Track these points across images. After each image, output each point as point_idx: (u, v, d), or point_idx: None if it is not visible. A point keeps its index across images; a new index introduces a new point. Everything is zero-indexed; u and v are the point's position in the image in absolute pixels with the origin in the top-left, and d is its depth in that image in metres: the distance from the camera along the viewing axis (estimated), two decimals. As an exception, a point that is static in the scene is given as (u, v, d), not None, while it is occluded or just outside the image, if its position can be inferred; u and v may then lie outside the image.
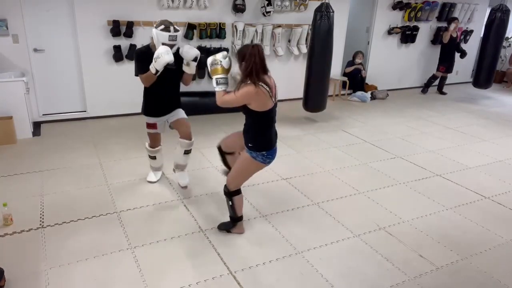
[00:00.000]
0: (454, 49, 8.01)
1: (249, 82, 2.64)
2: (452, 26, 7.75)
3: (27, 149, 4.65)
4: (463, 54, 8.09)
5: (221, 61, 2.75)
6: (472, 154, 5.08)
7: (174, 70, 3.32)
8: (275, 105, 2.80)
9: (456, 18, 7.88)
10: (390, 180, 4.24)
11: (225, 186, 2.99)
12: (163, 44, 3.15)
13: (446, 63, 8.04)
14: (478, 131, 6.02)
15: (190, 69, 3.35)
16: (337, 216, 3.46)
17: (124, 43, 5.66)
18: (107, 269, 2.69)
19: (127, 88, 5.93)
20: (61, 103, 5.69)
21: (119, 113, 6.00)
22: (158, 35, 3.16)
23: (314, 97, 5.85)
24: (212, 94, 5.32)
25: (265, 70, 2.69)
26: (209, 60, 2.79)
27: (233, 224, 3.13)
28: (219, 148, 3.22)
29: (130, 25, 5.56)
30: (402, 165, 4.67)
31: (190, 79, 3.54)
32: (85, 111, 5.83)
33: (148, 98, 3.55)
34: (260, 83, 2.63)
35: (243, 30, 6.27)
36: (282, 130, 5.62)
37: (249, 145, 2.84)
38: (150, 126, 3.63)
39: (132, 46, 5.69)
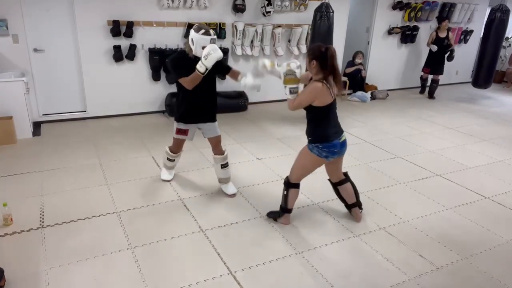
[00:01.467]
0: (442, 50, 7.74)
1: (315, 79, 2.86)
2: (442, 25, 7.62)
3: (27, 149, 4.65)
4: (449, 56, 7.80)
5: (295, 72, 2.92)
6: (472, 154, 5.08)
7: (211, 73, 3.30)
8: (335, 102, 2.97)
9: (445, 19, 7.69)
10: (390, 180, 4.24)
11: (287, 176, 3.22)
12: (202, 48, 3.15)
13: (429, 65, 7.88)
14: (478, 131, 6.02)
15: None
16: (337, 216, 3.46)
17: (124, 43, 5.66)
18: (107, 269, 2.69)
19: (127, 88, 5.94)
20: (61, 103, 5.69)
21: (119, 113, 6.00)
22: (199, 39, 3.17)
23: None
24: (218, 95, 5.35)
25: (337, 73, 2.89)
26: (283, 69, 2.93)
27: (281, 214, 3.29)
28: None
29: (130, 25, 5.56)
30: (402, 165, 4.67)
31: (238, 72, 3.56)
32: (85, 111, 5.83)
33: (185, 104, 3.47)
34: (324, 81, 2.83)
35: (243, 30, 6.28)
36: (282, 130, 5.63)
37: (308, 138, 3.06)
38: (180, 132, 3.59)
39: (132, 46, 5.69)
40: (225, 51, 6.29)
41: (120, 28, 5.55)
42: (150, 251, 2.90)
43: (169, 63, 3.44)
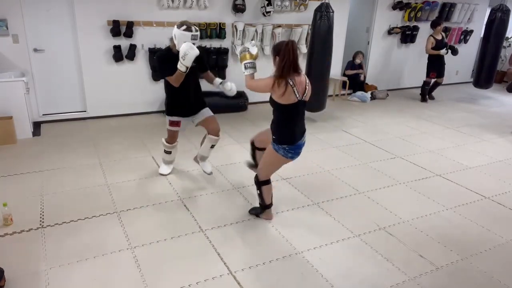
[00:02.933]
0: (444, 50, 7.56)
1: (274, 75, 2.82)
2: (436, 30, 7.41)
3: (27, 149, 4.65)
4: (453, 51, 7.56)
5: (248, 48, 3.00)
6: (472, 154, 5.08)
7: (195, 68, 3.47)
8: (302, 103, 2.89)
9: (439, 22, 7.42)
10: (390, 180, 4.24)
11: (256, 175, 3.22)
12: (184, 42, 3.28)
13: (435, 69, 7.56)
14: (478, 131, 6.02)
15: (230, 90, 3.68)
16: (337, 216, 3.46)
17: (124, 43, 5.66)
18: (107, 269, 2.69)
19: (127, 88, 5.94)
20: (61, 103, 5.69)
21: (119, 113, 6.00)
22: (180, 35, 3.29)
23: (314, 97, 5.80)
24: (213, 94, 5.36)
25: (295, 68, 2.81)
26: (238, 49, 3.07)
27: (261, 210, 3.35)
28: (252, 143, 3.44)
29: (130, 25, 5.56)
30: (402, 165, 4.67)
31: (213, 77, 3.78)
32: (85, 111, 5.83)
33: (174, 99, 3.64)
34: (287, 78, 2.77)
35: (243, 30, 6.28)
36: (282, 130, 5.63)
37: (273, 137, 3.01)
38: (173, 124, 3.75)
39: (132, 46, 5.69)
40: (225, 51, 6.29)
41: (120, 28, 5.55)
42: (150, 251, 2.90)
43: (156, 60, 3.60)
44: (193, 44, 3.29)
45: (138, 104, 6.11)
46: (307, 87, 2.88)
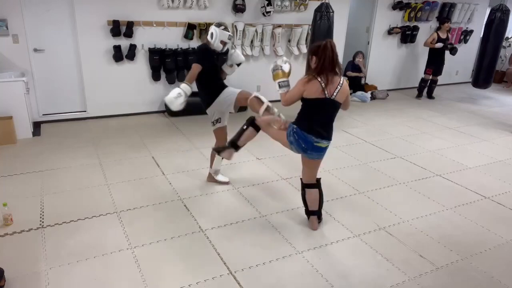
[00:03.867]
0: (443, 50, 7.69)
1: (307, 73, 2.88)
2: (443, 27, 7.56)
3: (27, 149, 4.65)
4: (452, 50, 7.68)
5: (281, 66, 3.03)
6: (472, 154, 5.08)
7: (216, 65, 3.73)
8: (329, 102, 2.87)
9: (447, 20, 7.61)
10: (390, 180, 4.24)
11: (254, 117, 3.28)
12: (221, 41, 3.57)
13: (432, 66, 7.73)
14: (478, 131, 6.02)
15: (231, 70, 3.81)
16: (337, 216, 3.46)
17: (124, 43, 5.66)
18: (107, 269, 2.69)
19: (127, 88, 5.94)
20: (61, 103, 5.69)
21: (119, 113, 6.00)
22: (220, 33, 3.55)
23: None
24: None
25: (332, 68, 2.82)
26: (271, 66, 3.10)
27: (228, 147, 3.37)
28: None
29: (130, 25, 5.56)
30: (402, 165, 4.67)
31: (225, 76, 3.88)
32: (85, 111, 5.83)
33: (210, 92, 3.67)
34: (317, 76, 2.80)
35: (243, 30, 6.28)
36: (282, 130, 5.63)
37: (293, 121, 3.04)
38: (218, 121, 3.77)
39: (132, 46, 5.69)
40: (225, 51, 6.28)
41: (120, 28, 5.55)
42: (150, 251, 2.90)
43: (197, 50, 3.80)
44: (227, 43, 3.61)
45: (138, 104, 6.11)
46: (339, 87, 2.85)
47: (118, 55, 5.64)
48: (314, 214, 3.22)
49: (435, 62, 7.74)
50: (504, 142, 5.58)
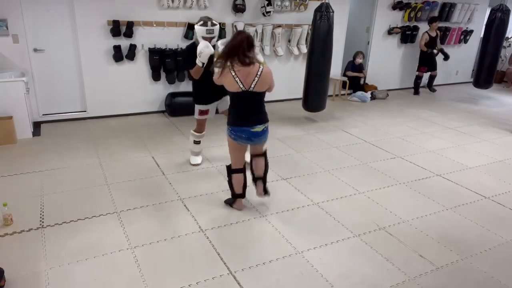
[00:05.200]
0: (434, 48, 7.96)
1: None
2: (431, 27, 7.85)
3: (27, 149, 4.65)
4: (445, 57, 8.06)
5: (218, 47, 3.29)
6: (472, 154, 5.08)
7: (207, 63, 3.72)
8: (248, 93, 3.01)
9: (436, 19, 7.85)
10: (390, 180, 4.24)
11: (228, 165, 3.39)
12: (202, 38, 3.62)
13: (426, 63, 8.03)
14: (478, 131, 6.02)
15: None
16: (337, 216, 3.46)
17: (124, 43, 5.66)
18: (107, 269, 2.69)
19: (127, 88, 5.94)
20: (61, 103, 5.69)
21: (119, 113, 6.00)
22: (198, 30, 3.64)
23: (314, 97, 5.85)
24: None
25: (234, 55, 2.94)
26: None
27: (233, 200, 3.48)
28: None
29: (130, 25, 5.56)
30: (402, 165, 4.67)
31: None
32: (85, 111, 5.83)
33: (200, 88, 3.96)
34: (230, 69, 2.96)
35: (243, 30, 6.27)
36: (282, 130, 5.63)
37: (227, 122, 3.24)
38: (203, 113, 4.06)
39: (132, 46, 5.69)
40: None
41: (120, 28, 5.55)
42: (150, 251, 2.90)
43: (184, 52, 3.99)
44: (211, 37, 3.64)
45: (138, 104, 6.11)
46: (256, 78, 2.96)
47: (118, 55, 5.64)
48: (259, 179, 3.43)
49: (428, 60, 8.04)
50: (504, 142, 5.58)
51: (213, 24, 3.66)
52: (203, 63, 3.57)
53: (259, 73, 2.98)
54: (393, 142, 5.40)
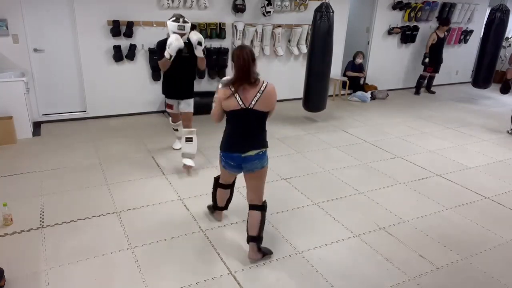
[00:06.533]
0: (441, 48, 8.05)
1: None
2: (443, 28, 7.89)
3: (27, 149, 4.65)
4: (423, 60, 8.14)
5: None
6: (472, 154, 5.08)
7: (188, 57, 3.93)
8: (247, 113, 2.59)
9: (448, 22, 7.90)
10: (390, 180, 4.24)
11: (217, 177, 3.22)
12: (174, 33, 3.76)
13: (433, 64, 8.06)
14: (478, 131, 6.02)
15: (198, 52, 3.89)
16: (337, 216, 3.46)
17: (124, 43, 5.66)
18: (107, 269, 2.69)
19: (127, 88, 5.94)
20: (61, 103, 5.69)
21: (119, 113, 6.00)
22: (169, 25, 3.79)
23: (314, 97, 5.85)
24: (212, 94, 5.36)
25: (246, 77, 2.56)
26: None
27: (213, 210, 3.38)
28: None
29: (130, 25, 5.56)
30: (402, 165, 4.67)
31: (202, 62, 4.05)
32: (85, 111, 5.83)
33: (165, 81, 4.18)
34: (232, 86, 2.57)
35: (243, 30, 6.27)
36: (282, 130, 5.63)
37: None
38: (168, 106, 4.33)
39: (132, 46, 5.69)
40: (225, 51, 6.29)
41: (120, 28, 5.55)
42: (150, 251, 2.90)
43: (156, 44, 4.11)
44: (182, 34, 3.77)
45: (138, 104, 6.11)
46: (258, 94, 2.56)
47: (118, 55, 5.64)
48: (253, 240, 2.81)
49: (435, 61, 8.02)
50: (504, 142, 5.58)
51: (184, 22, 3.80)
52: (171, 55, 3.72)
53: (262, 89, 2.58)
54: (393, 142, 5.40)
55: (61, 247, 2.89)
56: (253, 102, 2.57)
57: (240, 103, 2.56)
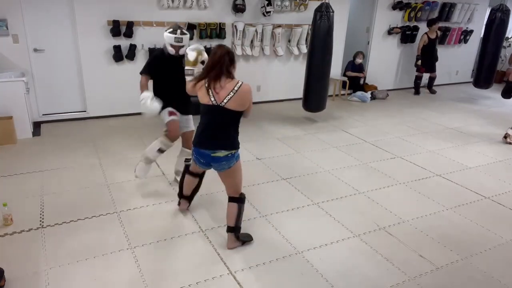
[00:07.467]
0: (433, 49, 8.00)
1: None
2: (433, 28, 7.87)
3: (27, 149, 4.65)
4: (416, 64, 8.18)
5: (187, 54, 3.05)
6: (472, 154, 5.08)
7: (175, 71, 3.45)
8: (218, 109, 2.64)
9: (436, 21, 7.87)
10: (390, 180, 4.24)
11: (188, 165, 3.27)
12: (170, 45, 3.39)
13: (425, 65, 8.04)
14: (478, 131, 6.02)
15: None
16: (337, 216, 3.46)
17: (124, 43, 5.66)
18: (107, 269, 2.69)
19: (127, 88, 5.93)
20: (61, 103, 5.69)
21: (119, 113, 6.00)
22: (166, 37, 3.40)
23: (314, 97, 5.85)
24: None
25: (216, 74, 2.62)
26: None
27: (178, 197, 3.42)
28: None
29: (130, 25, 5.56)
30: (402, 165, 4.67)
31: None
32: (85, 111, 5.83)
33: (158, 93, 3.63)
34: (207, 80, 2.66)
35: (243, 30, 6.27)
36: (282, 130, 5.63)
37: None
38: (171, 113, 3.68)
39: (132, 46, 5.69)
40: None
41: (120, 28, 5.55)
42: (150, 251, 2.90)
43: (149, 55, 3.73)
44: (180, 46, 3.38)
45: (138, 104, 6.04)
46: (231, 93, 2.60)
47: (118, 55, 5.64)
48: (231, 230, 2.92)
49: (427, 61, 8.04)
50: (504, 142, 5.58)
51: (182, 33, 3.39)
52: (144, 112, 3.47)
53: (235, 88, 2.61)
54: (393, 142, 5.40)
55: (61, 247, 2.89)
56: (225, 100, 2.62)
57: (212, 99, 2.64)
